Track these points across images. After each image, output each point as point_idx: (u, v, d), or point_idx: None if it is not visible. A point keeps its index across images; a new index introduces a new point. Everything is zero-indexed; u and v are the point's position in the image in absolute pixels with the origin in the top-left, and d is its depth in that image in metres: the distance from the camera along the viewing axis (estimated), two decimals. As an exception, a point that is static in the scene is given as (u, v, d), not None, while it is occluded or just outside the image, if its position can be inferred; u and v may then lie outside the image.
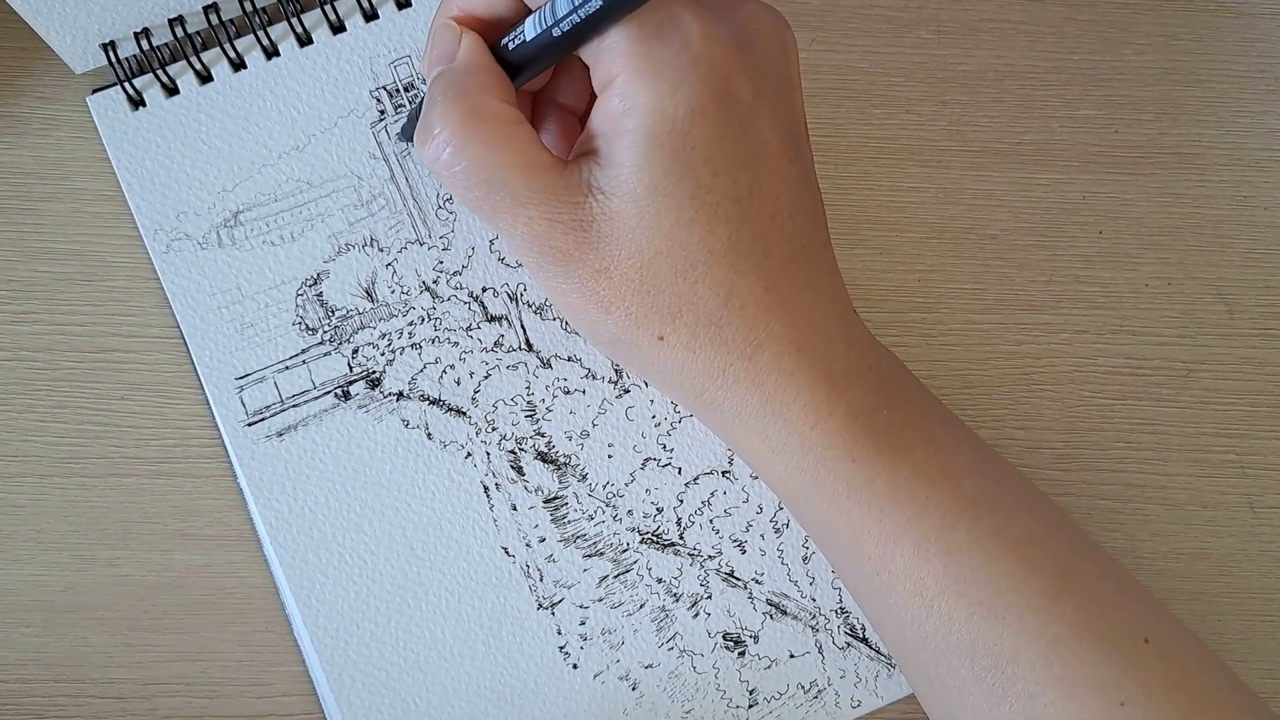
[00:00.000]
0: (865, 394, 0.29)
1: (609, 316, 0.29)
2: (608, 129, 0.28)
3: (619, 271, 0.28)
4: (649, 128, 0.27)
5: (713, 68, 0.27)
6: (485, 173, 0.28)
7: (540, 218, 0.28)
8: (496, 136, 0.28)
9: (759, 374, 0.29)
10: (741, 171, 0.28)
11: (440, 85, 0.29)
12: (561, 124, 0.33)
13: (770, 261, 0.28)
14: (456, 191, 0.29)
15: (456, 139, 0.28)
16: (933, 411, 0.31)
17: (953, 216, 0.38)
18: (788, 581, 0.35)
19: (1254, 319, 0.38)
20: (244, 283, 0.35)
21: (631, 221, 0.28)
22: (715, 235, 0.28)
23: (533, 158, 0.28)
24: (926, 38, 0.39)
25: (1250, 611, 0.37)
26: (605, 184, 0.28)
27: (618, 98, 0.27)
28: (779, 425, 0.29)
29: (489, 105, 0.28)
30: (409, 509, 0.35)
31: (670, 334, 0.29)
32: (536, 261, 0.29)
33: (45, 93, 0.37)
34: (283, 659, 0.35)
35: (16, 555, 0.34)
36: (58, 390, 0.35)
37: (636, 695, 0.35)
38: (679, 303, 0.28)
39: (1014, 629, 0.28)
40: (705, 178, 0.27)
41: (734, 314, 0.28)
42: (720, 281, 0.28)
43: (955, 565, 0.29)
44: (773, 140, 0.28)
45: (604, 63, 0.27)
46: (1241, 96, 0.40)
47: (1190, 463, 0.37)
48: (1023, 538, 0.29)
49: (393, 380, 0.35)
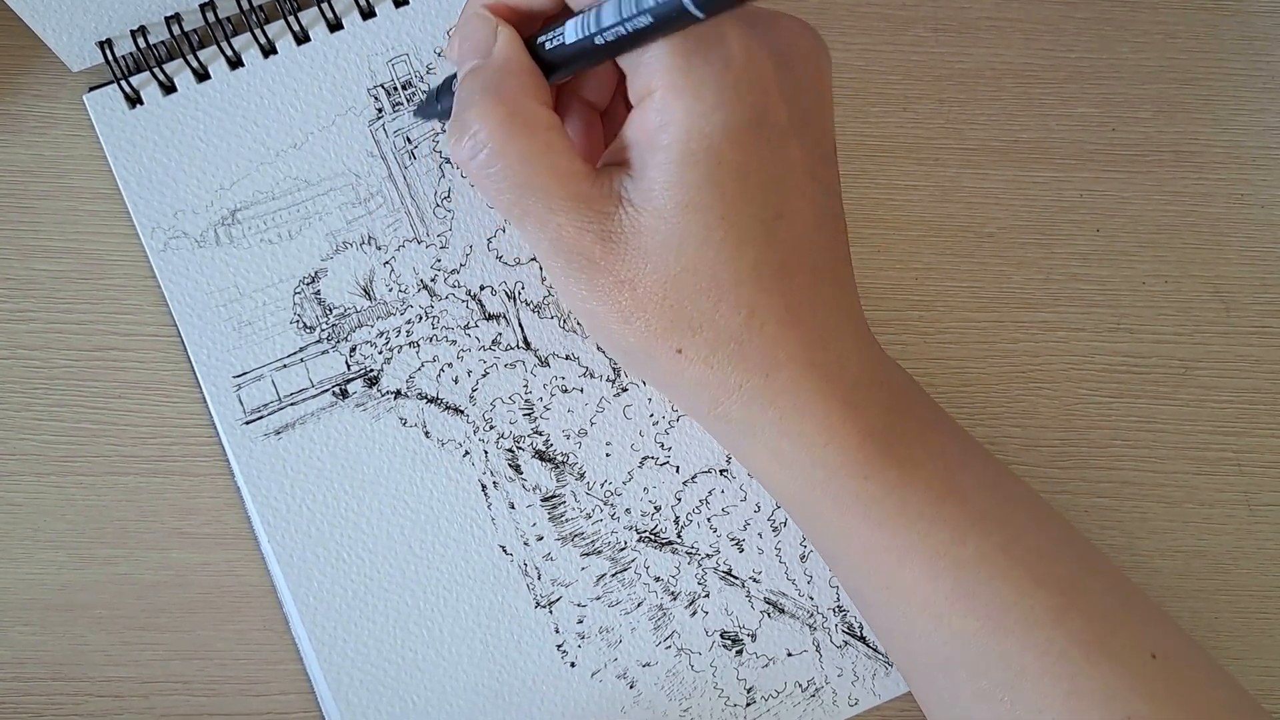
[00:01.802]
0: (877, 411, 0.29)
1: (628, 327, 0.29)
2: (642, 141, 0.27)
3: (643, 284, 0.28)
4: (685, 145, 0.27)
5: (753, 89, 0.27)
6: (521, 177, 0.28)
7: (570, 224, 0.28)
8: (535, 142, 0.28)
9: (775, 391, 0.29)
10: (771, 195, 0.28)
11: (477, 82, 0.28)
12: (584, 119, 0.32)
13: (792, 282, 0.28)
14: (488, 191, 0.28)
15: (496, 141, 0.27)
16: (942, 426, 0.31)
17: (950, 214, 0.38)
18: (785, 580, 0.35)
19: (1251, 317, 0.38)
20: (242, 281, 0.35)
21: (660, 237, 0.27)
22: (742, 257, 0.28)
23: (568, 164, 0.28)
24: (923, 35, 0.39)
25: (1247, 609, 0.37)
26: (636, 197, 0.28)
27: (655, 112, 0.27)
28: (791, 441, 0.29)
29: (529, 109, 0.28)
30: (407, 507, 0.35)
31: (689, 348, 0.29)
32: (561, 267, 0.29)
33: (42, 90, 0.36)
34: (280, 657, 0.35)
35: (14, 553, 0.34)
36: (55, 388, 0.35)
37: (634, 693, 0.35)
38: (700, 319, 0.28)
39: (1021, 644, 0.28)
40: (736, 200, 0.27)
41: (754, 332, 0.28)
42: (743, 301, 0.28)
43: (964, 580, 0.29)
44: (802, 162, 0.28)
45: (643, 75, 0.27)
46: (1239, 94, 0.40)
47: (1187, 460, 0.37)
48: (1031, 553, 0.29)
49: (390, 378, 0.35)
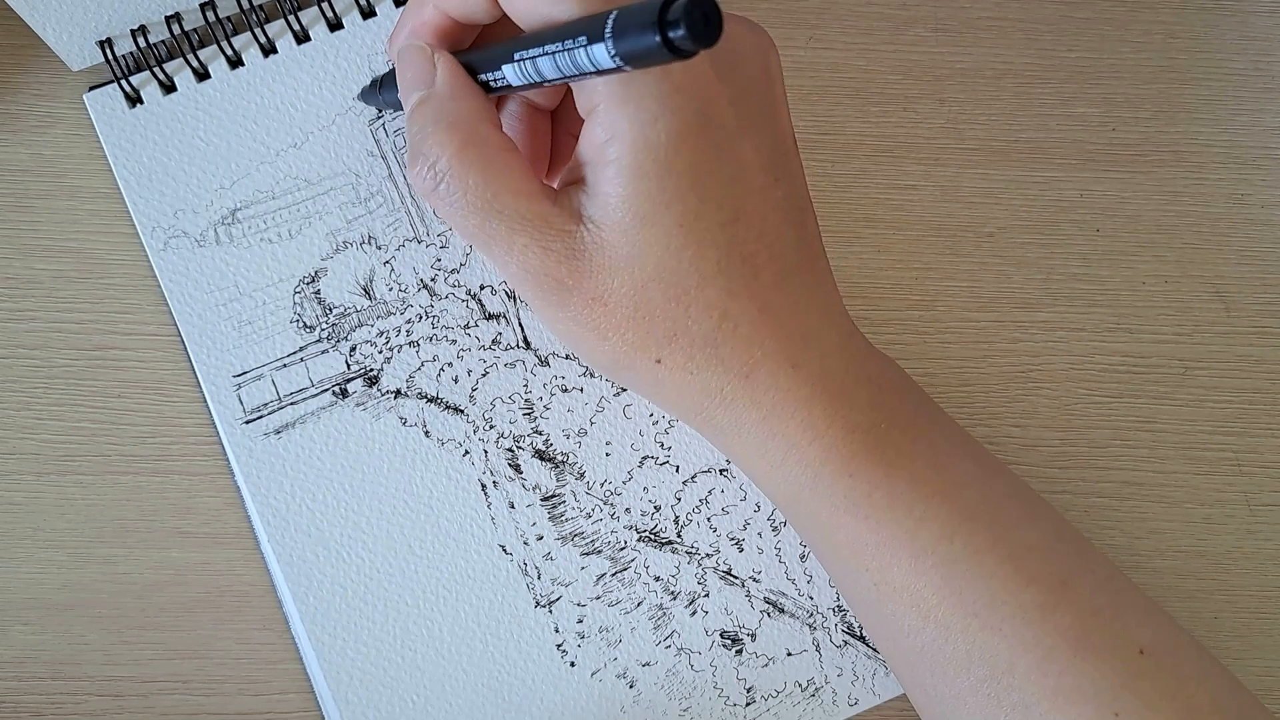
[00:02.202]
0: (863, 407, 0.30)
1: (606, 343, 0.29)
2: (593, 158, 0.28)
3: (613, 299, 0.28)
4: (632, 158, 0.27)
5: (694, 95, 0.27)
6: (481, 201, 0.28)
7: (534, 245, 0.28)
8: (492, 165, 0.28)
9: (756, 392, 0.29)
10: (726, 197, 0.28)
11: (428, 112, 0.29)
12: (530, 123, 0.32)
13: (760, 281, 0.29)
14: (453, 219, 0.29)
15: (454, 167, 0.28)
16: (933, 421, 0.31)
17: (950, 214, 0.38)
18: (785, 580, 0.35)
19: (1251, 316, 0.38)
20: (242, 280, 0.35)
21: (622, 251, 0.28)
22: (705, 260, 0.28)
23: (526, 185, 0.28)
24: (924, 35, 0.39)
25: (1246, 609, 0.37)
26: (594, 213, 0.28)
27: (600, 127, 0.27)
28: (777, 441, 0.29)
29: (483, 134, 0.28)
30: (406, 507, 0.35)
31: (667, 357, 0.29)
32: (532, 292, 0.29)
33: (42, 90, 0.36)
34: (280, 656, 0.35)
35: (13, 553, 0.34)
36: (55, 388, 0.35)
37: (634, 693, 0.35)
38: (674, 327, 0.28)
39: (1010, 640, 0.28)
40: (691, 205, 0.27)
41: (728, 335, 0.28)
42: (713, 304, 0.28)
43: (952, 577, 0.29)
44: (755, 163, 0.29)
45: (586, 90, 0.27)
46: (1238, 95, 0.40)
47: (1187, 460, 0.37)
48: (1020, 549, 0.29)
49: (390, 378, 0.35)
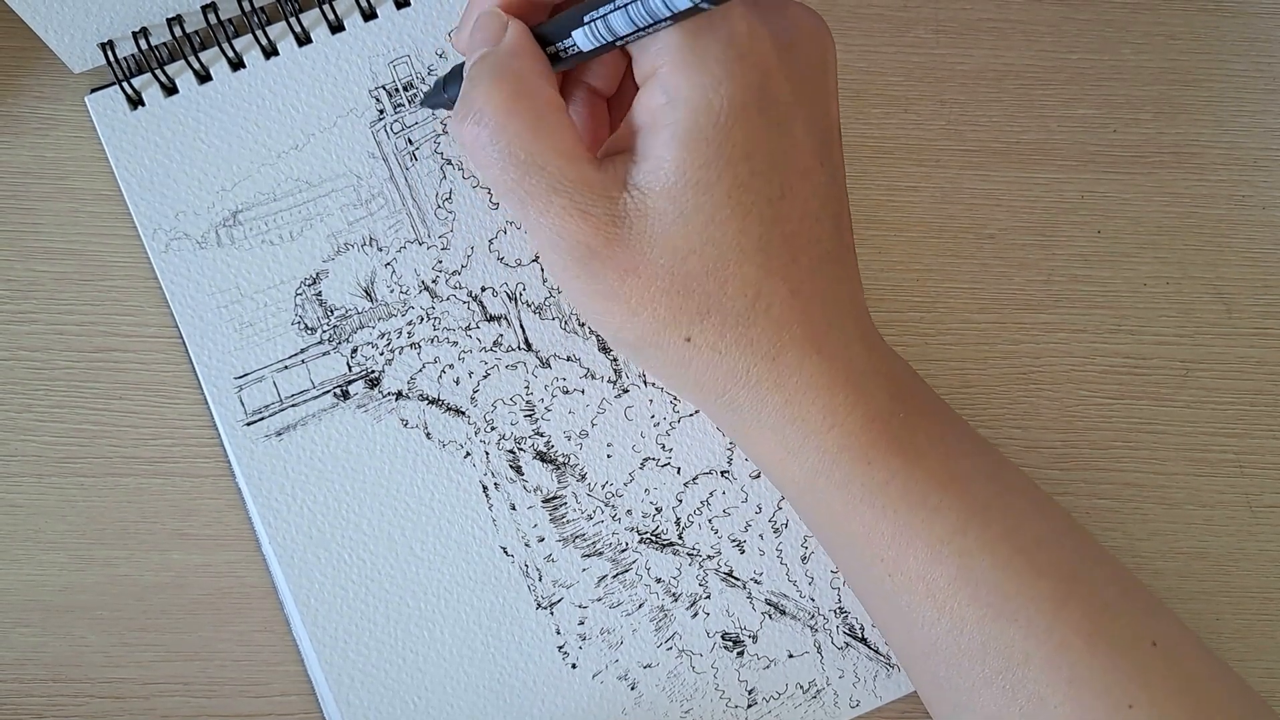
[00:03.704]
0: (881, 397, 0.30)
1: (635, 318, 0.28)
2: (648, 123, 0.27)
3: (648, 271, 0.28)
4: (692, 120, 0.27)
5: (756, 65, 0.27)
6: (524, 154, 0.27)
7: (572, 208, 0.27)
8: (540, 119, 0.27)
9: (781, 375, 0.29)
10: (775, 172, 0.28)
11: (485, 65, 0.28)
12: (589, 107, 0.32)
13: (797, 265, 0.28)
14: (491, 172, 0.28)
15: (500, 116, 0.27)
16: (944, 416, 0.31)
17: (951, 216, 0.38)
18: (787, 581, 0.35)
19: (1252, 318, 0.38)
20: (243, 282, 0.35)
21: (668, 217, 0.27)
22: (748, 234, 0.28)
23: (573, 147, 0.28)
24: (925, 37, 0.39)
25: (1248, 610, 0.37)
26: (641, 179, 0.27)
27: (661, 90, 0.27)
28: (796, 426, 0.29)
29: (535, 87, 0.28)
30: (408, 508, 0.35)
31: (697, 335, 0.28)
32: (563, 260, 0.28)
33: (43, 92, 0.37)
34: (281, 658, 0.35)
35: (14, 555, 0.34)
36: (56, 390, 0.35)
37: (635, 695, 0.35)
38: (707, 303, 0.28)
39: (1024, 632, 0.28)
40: (743, 176, 0.27)
41: (760, 315, 0.28)
42: (749, 281, 0.28)
43: (966, 568, 0.29)
44: (807, 143, 0.28)
45: (649, 55, 0.27)
46: (1239, 96, 0.40)
47: (1188, 462, 0.37)
48: (1031, 542, 0.29)
49: (392, 380, 0.35)
